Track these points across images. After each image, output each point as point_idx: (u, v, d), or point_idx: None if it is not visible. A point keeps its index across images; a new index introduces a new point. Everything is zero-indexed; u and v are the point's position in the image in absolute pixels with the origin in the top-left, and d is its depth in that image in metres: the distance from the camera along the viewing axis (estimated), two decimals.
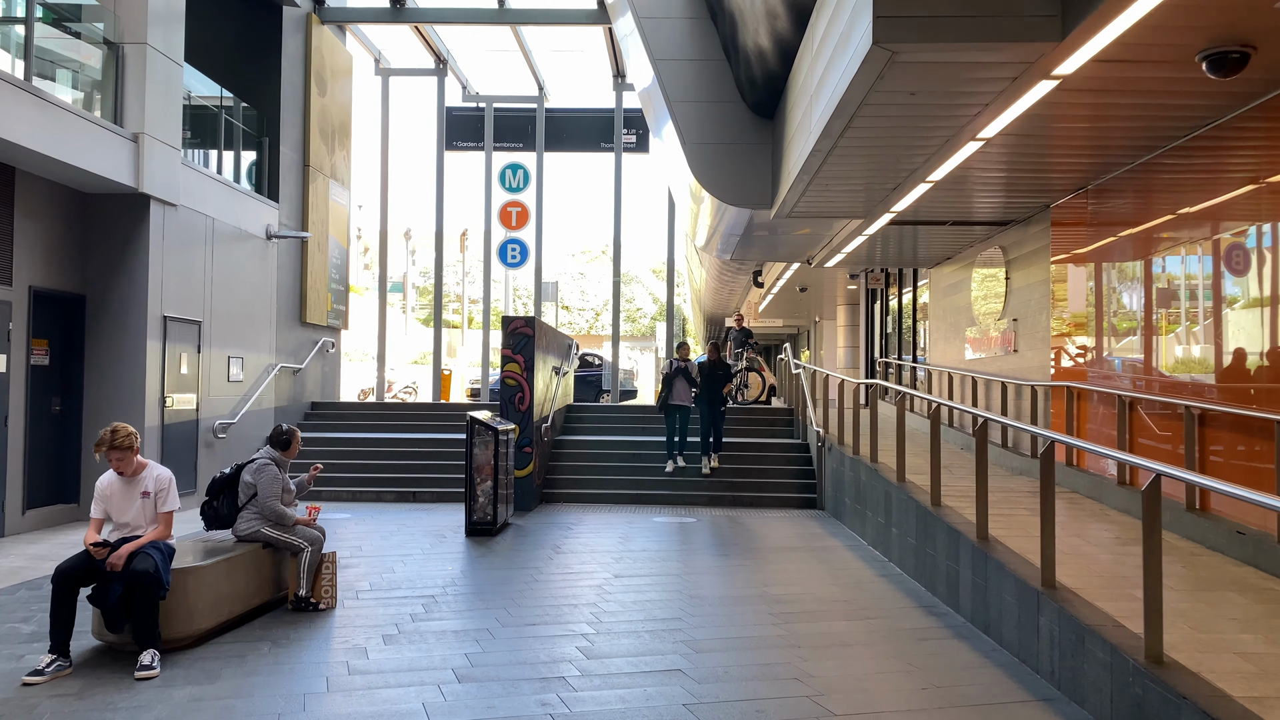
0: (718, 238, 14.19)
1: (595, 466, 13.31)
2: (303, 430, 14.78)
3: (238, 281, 13.02)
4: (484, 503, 9.82)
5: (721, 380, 12.95)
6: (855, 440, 10.70)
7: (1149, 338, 8.28)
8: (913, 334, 16.89)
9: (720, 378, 12.94)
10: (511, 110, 20.47)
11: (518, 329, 11.97)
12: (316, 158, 15.51)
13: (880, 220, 11.21)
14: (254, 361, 13.52)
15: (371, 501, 12.56)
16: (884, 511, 8.96)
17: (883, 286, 18.87)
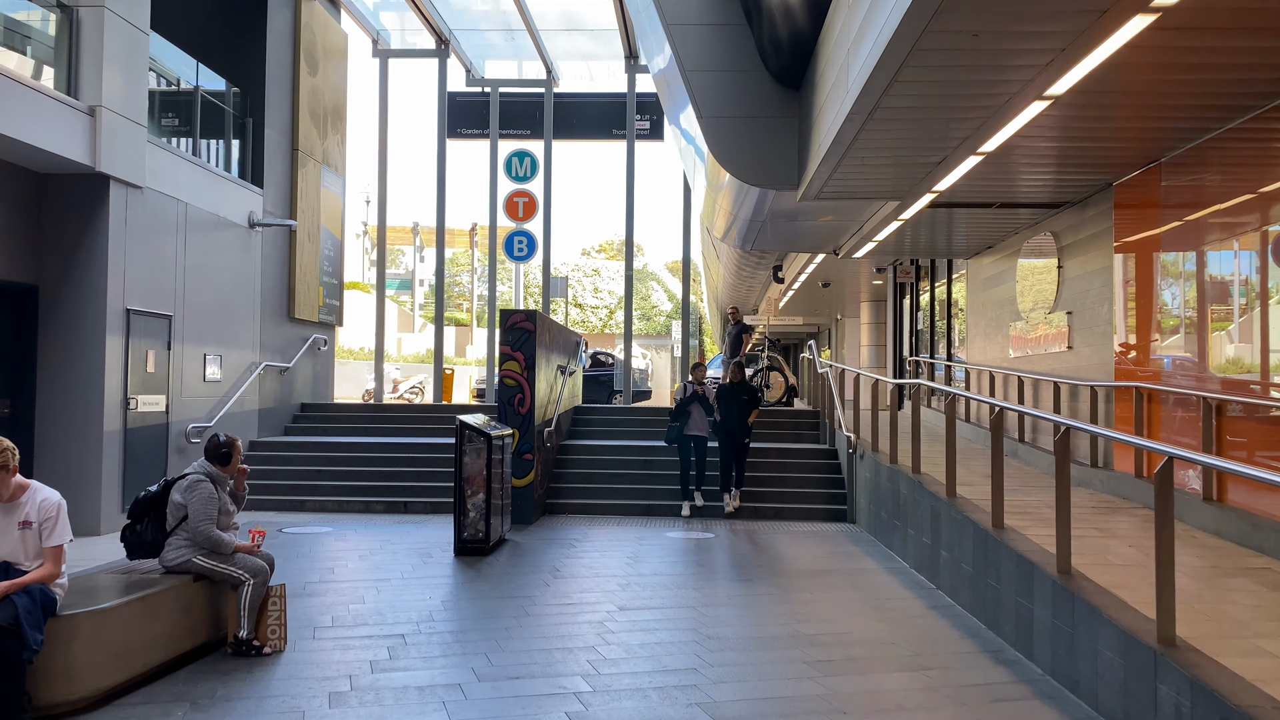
0: (738, 226, 13.05)
1: (604, 475, 12.21)
2: (289, 434, 13.78)
3: (216, 273, 12.00)
4: (475, 518, 8.73)
5: (745, 406, 11.04)
6: (893, 447, 9.54)
7: (1245, 332, 7.09)
8: (947, 331, 15.69)
9: (744, 403, 11.05)
10: (518, 96, 19.41)
11: (517, 323, 10.88)
12: (306, 141, 14.47)
13: (918, 203, 10.05)
14: (235, 360, 12.50)
15: (358, 513, 11.50)
16: (930, 531, 7.81)
17: (913, 280, 17.67)
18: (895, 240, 13.06)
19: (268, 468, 12.43)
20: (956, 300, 15.52)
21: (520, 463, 10.71)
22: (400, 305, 40.04)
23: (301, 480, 12.17)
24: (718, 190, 12.49)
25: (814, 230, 13.12)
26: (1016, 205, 10.58)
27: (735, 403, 11.06)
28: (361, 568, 8.14)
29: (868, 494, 10.47)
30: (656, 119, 19.22)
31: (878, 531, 9.84)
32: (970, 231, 12.55)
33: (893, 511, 9.21)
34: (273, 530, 10.03)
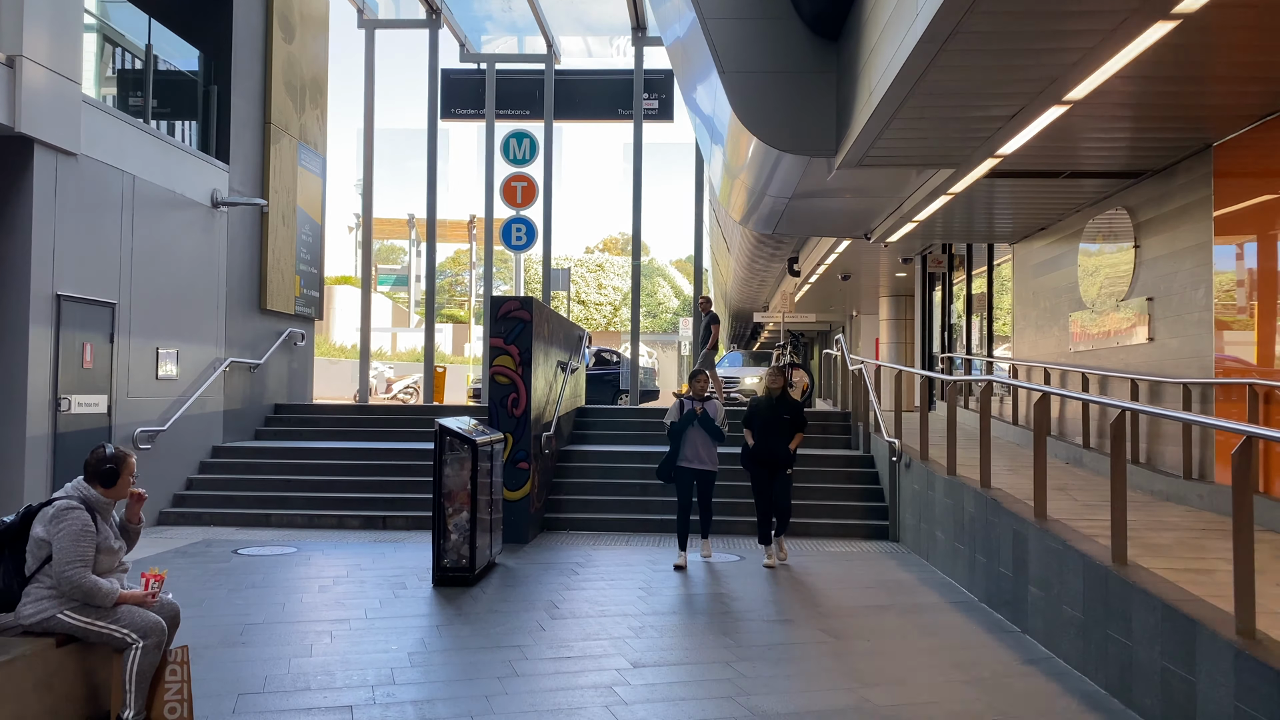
0: (760, 206, 11.62)
1: (610, 485, 10.79)
2: (261, 438, 12.39)
3: (172, 256, 10.60)
4: (457, 540, 7.31)
5: (788, 428, 8.31)
6: (951, 456, 8.12)
7: None
8: (987, 325, 14.25)
9: (786, 424, 8.31)
10: (516, 73, 18.01)
11: (510, 312, 9.47)
12: (281, 115, 13.07)
13: (975, 172, 8.63)
14: (194, 355, 11.09)
15: (330, 529, 10.09)
16: (1010, 560, 6.38)
17: (945, 270, 16.23)
18: (936, 222, 11.64)
19: (231, 477, 11.05)
20: (998, 290, 14.07)
21: (514, 472, 9.30)
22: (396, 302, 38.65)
23: (268, 491, 10.77)
24: (737, 167, 11.07)
25: (844, 211, 11.69)
26: (1087, 175, 9.15)
27: (775, 423, 8.28)
28: (319, 603, 6.72)
29: (916, 509, 9.04)
30: (665, 97, 17.83)
31: (932, 554, 8.41)
32: (1022, 210, 11.12)
33: (954, 532, 7.77)
34: (226, 551, 8.63)
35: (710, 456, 8.26)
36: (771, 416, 8.34)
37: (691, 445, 8.18)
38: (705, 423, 8.18)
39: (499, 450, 8.29)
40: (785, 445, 8.29)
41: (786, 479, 8.40)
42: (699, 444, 8.18)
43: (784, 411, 8.39)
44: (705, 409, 8.21)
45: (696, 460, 8.23)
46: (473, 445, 7.30)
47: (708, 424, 8.19)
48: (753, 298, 32.92)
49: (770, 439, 8.28)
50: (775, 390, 8.49)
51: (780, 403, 8.43)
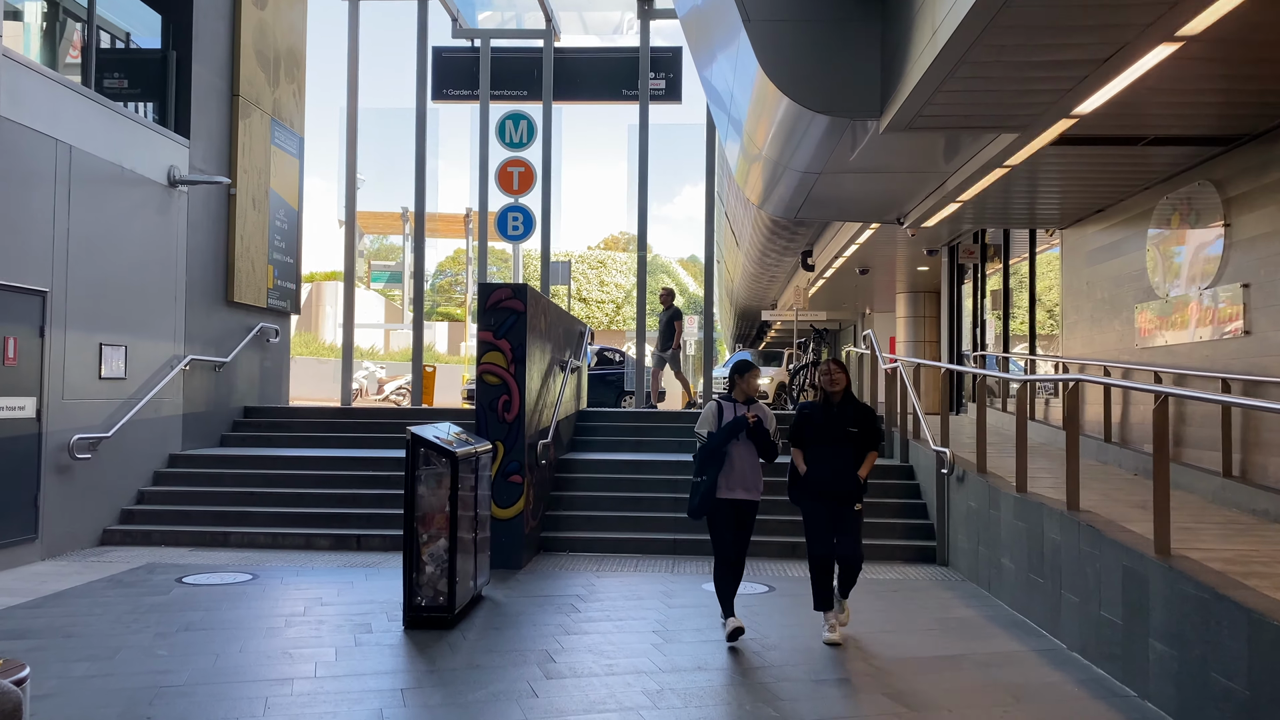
0: (782, 185, 10.37)
1: (615, 499, 9.52)
2: (227, 444, 11.14)
3: (120, 240, 9.34)
4: (434, 574, 6.05)
5: (860, 443, 6.01)
6: (1021, 470, 6.86)
7: None
8: (1029, 319, 12.98)
9: (856, 440, 5.99)
10: (513, 50, 16.77)
11: (501, 302, 8.21)
12: (251, 87, 11.82)
13: (1044, 135, 7.43)
14: (147, 352, 9.84)
15: (297, 549, 8.84)
16: (1117, 604, 5.12)
17: (978, 261, 14.96)
18: (975, 204, 10.40)
19: (188, 489, 9.80)
20: (1041, 282, 12.81)
21: (505, 487, 8.04)
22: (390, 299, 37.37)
23: (229, 506, 9.52)
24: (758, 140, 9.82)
25: (877, 191, 10.43)
26: (1170, 141, 7.89)
27: (837, 438, 5.95)
28: (262, 654, 5.47)
29: (972, 530, 7.78)
30: (673, 76, 16.57)
31: (995, 585, 7.14)
32: (1077, 189, 9.88)
33: (1027, 561, 6.50)
34: (169, 579, 7.38)
35: (757, 480, 5.95)
36: (832, 429, 5.96)
37: (735, 467, 5.81)
38: (757, 434, 5.84)
39: (486, 462, 7.03)
40: (853, 470, 5.91)
41: (855, 518, 5.93)
42: (745, 465, 5.85)
43: (849, 421, 5.98)
44: (758, 415, 5.88)
45: (740, 488, 5.83)
46: (452, 458, 6.04)
47: (761, 438, 5.86)
48: (761, 295, 31.65)
49: (831, 461, 5.91)
50: (836, 392, 6.03)
51: (844, 409, 6.01)
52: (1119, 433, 9.93)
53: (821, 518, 5.95)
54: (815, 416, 6.10)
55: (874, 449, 6.04)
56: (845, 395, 6.09)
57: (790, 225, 18.44)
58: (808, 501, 6.00)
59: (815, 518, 5.97)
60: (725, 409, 5.95)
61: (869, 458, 6.01)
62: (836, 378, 6.08)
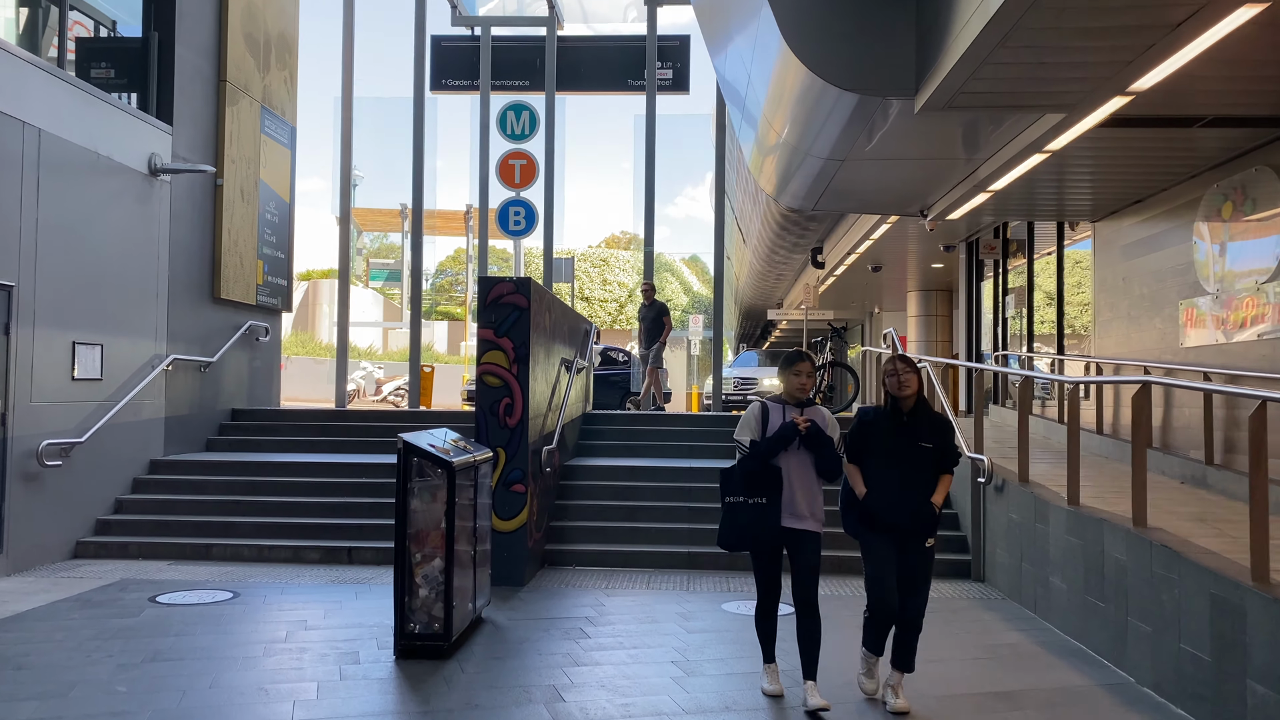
0: (800, 174, 9.77)
1: (625, 509, 8.91)
2: (213, 449, 10.55)
3: (95, 232, 8.74)
4: (428, 597, 5.45)
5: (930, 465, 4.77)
6: (1074, 481, 6.25)
7: None
8: (1057, 317, 12.36)
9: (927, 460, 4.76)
10: (514, 39, 16.21)
11: (503, 297, 7.60)
12: (239, 73, 11.22)
13: (1093, 115, 6.81)
14: (125, 351, 9.23)
15: (284, 563, 8.23)
16: (1204, 638, 4.51)
17: (1000, 257, 14.34)
18: (1006, 194, 9.79)
19: (169, 497, 9.20)
20: (1070, 278, 12.20)
21: (507, 497, 7.44)
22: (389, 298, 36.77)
23: (214, 515, 8.92)
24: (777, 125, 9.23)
25: (902, 180, 9.83)
26: (1231, 122, 7.28)
27: (907, 456, 4.73)
28: (234, 690, 4.86)
29: (1015, 545, 7.17)
30: (680, 66, 15.98)
31: (1043, 606, 6.53)
32: (1115, 177, 9.27)
33: (1083, 583, 5.89)
34: (142, 598, 6.78)
35: (813, 505, 4.70)
36: (902, 444, 4.71)
37: (785, 485, 4.65)
38: (815, 444, 4.65)
39: (486, 472, 6.42)
40: (926, 495, 4.69)
41: (927, 560, 4.78)
42: (798, 483, 4.65)
43: (922, 434, 4.73)
44: (813, 420, 4.69)
45: (792, 512, 4.64)
46: (448, 469, 5.43)
47: (819, 446, 4.65)
48: (768, 294, 31.04)
49: (901, 484, 4.68)
50: (908, 398, 4.74)
51: (916, 420, 4.76)
52: (1159, 437, 9.32)
53: (888, 555, 4.69)
54: (879, 427, 4.80)
55: (948, 470, 4.81)
56: (917, 402, 4.78)
57: (801, 221, 17.86)
58: (870, 534, 4.75)
59: (880, 555, 4.70)
60: (772, 412, 4.73)
61: (943, 481, 4.77)
62: (906, 379, 4.72)
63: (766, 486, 4.65)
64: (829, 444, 4.69)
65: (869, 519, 4.75)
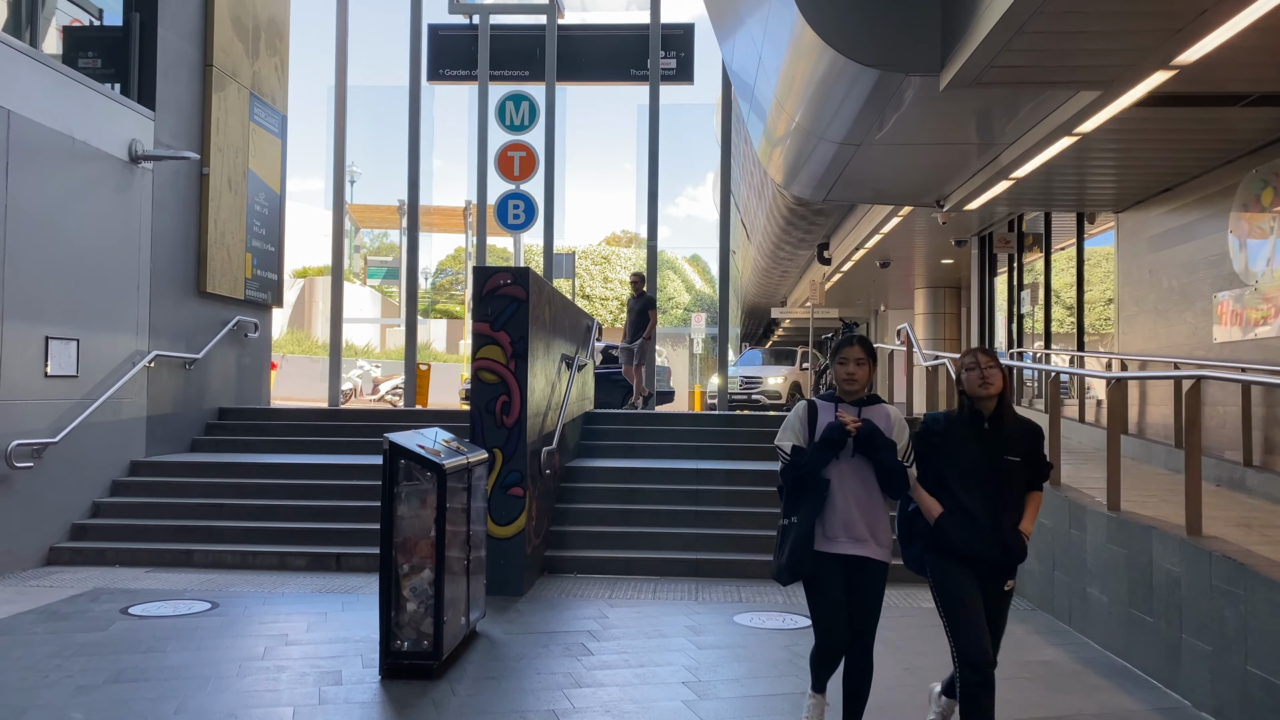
0: (813, 160, 9.32)
1: (629, 513, 8.45)
2: (198, 449, 10.12)
3: (71, 221, 8.30)
4: (416, 612, 4.99)
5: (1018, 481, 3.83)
6: (1115, 485, 5.80)
7: None
8: (1078, 313, 11.90)
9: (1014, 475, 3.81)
10: (514, 28, 15.76)
11: (500, 288, 7.15)
12: (227, 57, 10.77)
13: (1132, 92, 6.39)
14: (104, 347, 8.78)
15: (269, 570, 7.78)
16: (1275, 659, 4.05)
17: (1015, 251, 13.88)
18: (1029, 183, 9.35)
19: (150, 501, 8.75)
20: (1090, 272, 11.75)
21: (504, 501, 6.98)
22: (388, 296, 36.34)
23: (196, 519, 8.48)
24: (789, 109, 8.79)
25: (918, 167, 9.39)
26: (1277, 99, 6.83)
27: (994, 467, 3.78)
28: (202, 716, 4.41)
29: (1046, 553, 6.72)
30: (684, 55, 15.52)
31: (1080, 619, 6.07)
32: (1141, 165, 8.85)
33: (1127, 595, 5.43)
34: (113, 609, 6.34)
35: (876, 525, 3.85)
36: (983, 456, 3.78)
37: (838, 503, 3.81)
38: (872, 448, 3.78)
39: (481, 474, 5.97)
40: (1013, 521, 3.80)
41: (1006, 601, 3.92)
42: (854, 498, 3.82)
43: (1009, 445, 3.80)
44: (867, 419, 3.81)
45: (848, 536, 3.81)
46: (438, 472, 4.98)
47: (874, 450, 3.78)
48: (771, 291, 30.59)
49: (983, 507, 3.75)
50: (989, 398, 3.80)
51: (999, 426, 3.82)
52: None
53: (964, 593, 3.76)
54: (953, 437, 3.83)
55: (1038, 487, 3.91)
56: (1000, 404, 3.81)
57: (809, 215, 17.42)
58: (946, 567, 3.80)
59: (962, 594, 3.75)
60: (821, 411, 3.88)
61: (1032, 502, 3.87)
62: (990, 374, 3.77)
63: (801, 502, 3.83)
64: (887, 449, 3.77)
65: (944, 549, 3.79)
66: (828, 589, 3.83)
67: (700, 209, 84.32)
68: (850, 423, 3.75)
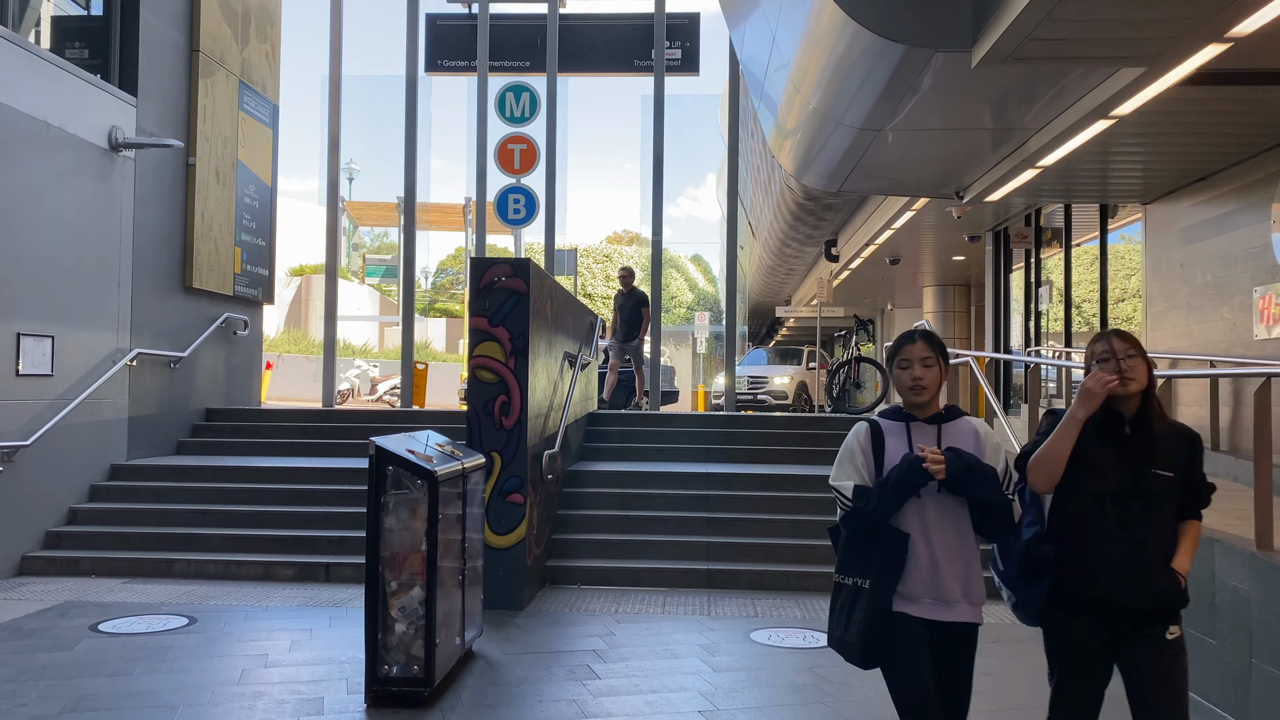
0: (828, 147, 8.86)
1: (636, 520, 7.99)
2: (184, 452, 9.67)
3: (45, 211, 7.85)
4: (406, 634, 4.54)
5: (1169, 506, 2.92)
6: None
7: None
8: (1101, 309, 11.44)
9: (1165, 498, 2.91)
10: (514, 17, 15.30)
11: (499, 280, 6.69)
12: (215, 43, 10.32)
13: (1179, 69, 5.92)
14: (82, 344, 8.33)
15: (254, 580, 7.33)
16: None
17: (1033, 246, 13.42)
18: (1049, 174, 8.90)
19: (130, 506, 8.29)
20: (1114, 267, 11.29)
21: (503, 509, 6.53)
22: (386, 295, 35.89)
23: (178, 526, 8.03)
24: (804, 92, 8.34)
25: (939, 156, 8.92)
26: None
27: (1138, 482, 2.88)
28: None
29: None
30: (690, 45, 15.08)
31: None
32: (1177, 151, 8.38)
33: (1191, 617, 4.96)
34: (83, 625, 5.90)
35: (970, 580, 2.92)
36: (1120, 469, 2.92)
37: (922, 554, 2.89)
38: (966, 486, 2.85)
39: (478, 480, 5.51)
40: (1165, 558, 2.89)
41: (1171, 657, 2.89)
42: (940, 549, 2.90)
43: (1158, 455, 2.91)
44: (952, 448, 2.88)
45: (934, 596, 2.89)
46: (430, 479, 4.52)
47: (972, 488, 2.85)
48: (776, 290, 30.12)
49: (1125, 538, 2.87)
50: (1130, 396, 2.92)
51: (1144, 429, 2.93)
52: (1228, 439, 8.40)
53: (1094, 662, 2.91)
54: (1082, 445, 2.91)
55: (1195, 515, 2.97)
56: (1144, 403, 2.92)
57: (817, 210, 16.97)
58: (1070, 620, 2.92)
59: (1083, 660, 2.91)
60: (888, 436, 2.97)
61: (1189, 533, 2.94)
62: (1130, 367, 2.89)
63: (872, 561, 2.88)
64: (989, 482, 2.83)
65: (1069, 595, 2.90)
66: (914, 663, 2.83)
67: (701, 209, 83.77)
68: (932, 459, 2.79)
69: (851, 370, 12.29)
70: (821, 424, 10.60)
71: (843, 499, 2.92)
